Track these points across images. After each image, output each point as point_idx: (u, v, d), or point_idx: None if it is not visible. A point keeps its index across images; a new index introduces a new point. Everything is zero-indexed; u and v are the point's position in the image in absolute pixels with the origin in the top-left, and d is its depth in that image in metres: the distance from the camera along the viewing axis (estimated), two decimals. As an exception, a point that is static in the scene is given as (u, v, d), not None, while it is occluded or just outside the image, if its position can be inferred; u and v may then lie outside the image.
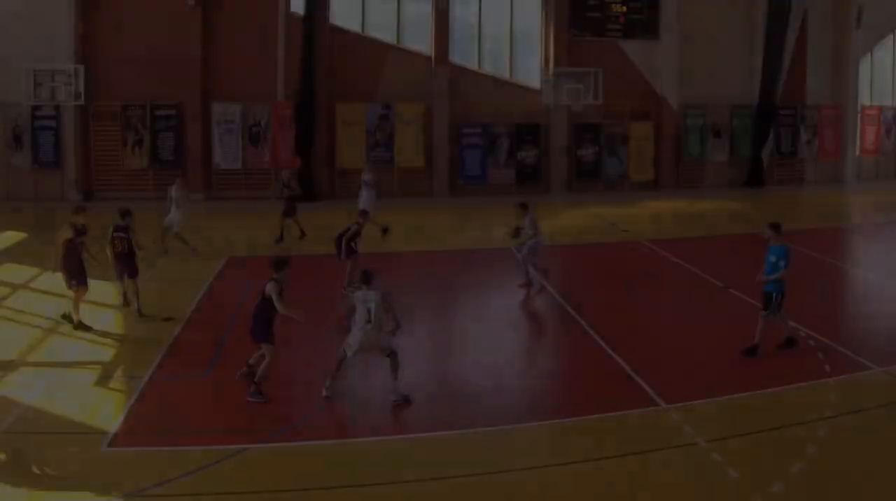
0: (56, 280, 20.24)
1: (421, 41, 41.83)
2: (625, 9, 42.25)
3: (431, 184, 41.50)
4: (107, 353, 18.10)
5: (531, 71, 42.61)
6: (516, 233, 23.03)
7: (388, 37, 41.72)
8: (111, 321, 20.40)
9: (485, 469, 12.58)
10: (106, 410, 14.80)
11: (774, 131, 44.04)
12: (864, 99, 47.14)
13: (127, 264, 20.50)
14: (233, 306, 21.56)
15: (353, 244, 22.60)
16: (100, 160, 40.24)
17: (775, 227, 17.46)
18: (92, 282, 20.64)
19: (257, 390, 15.27)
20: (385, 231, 28.75)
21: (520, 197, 39.64)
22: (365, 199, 30.27)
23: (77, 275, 19.47)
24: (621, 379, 16.28)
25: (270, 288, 15.36)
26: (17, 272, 24.83)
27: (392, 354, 15.04)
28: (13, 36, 38.37)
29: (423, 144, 41.35)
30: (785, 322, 17.65)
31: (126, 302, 21.03)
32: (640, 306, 18.70)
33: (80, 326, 19.18)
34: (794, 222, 33.28)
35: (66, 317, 19.52)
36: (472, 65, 42.39)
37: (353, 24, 41.51)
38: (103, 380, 16.37)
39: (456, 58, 41.98)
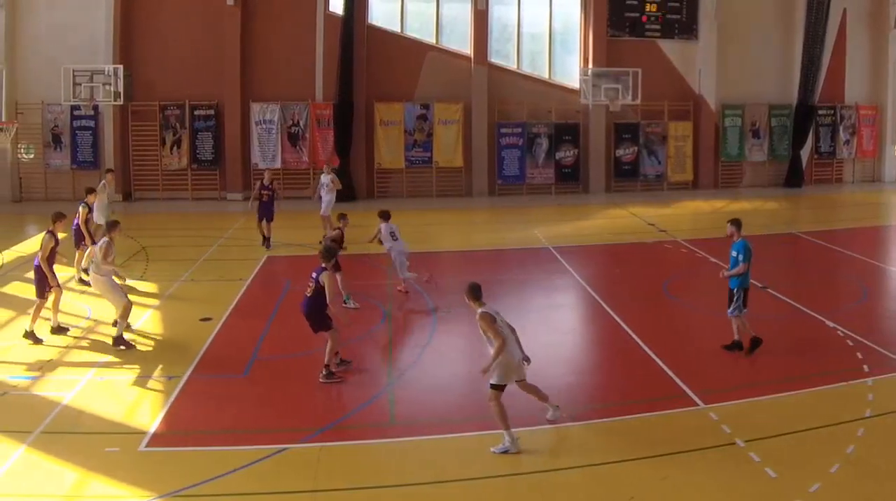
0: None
1: (460, 41, 41.76)
2: (663, 9, 42.00)
3: (470, 183, 41.36)
4: (145, 353, 18.04)
5: (570, 71, 42.44)
6: (375, 239, 22.83)
7: (426, 36, 41.69)
8: (150, 321, 20.34)
9: (525, 469, 12.61)
10: (144, 410, 14.80)
11: (813, 131, 43.81)
12: (903, 98, 46.73)
13: None
14: (272, 305, 21.66)
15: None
16: (138, 161, 40.20)
17: (736, 224, 17.72)
18: (130, 283, 21.61)
19: (330, 372, 15.63)
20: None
21: (560, 197, 40.18)
22: (327, 202, 30.24)
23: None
24: (660, 378, 16.26)
25: (324, 278, 15.59)
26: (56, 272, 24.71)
27: None
28: (53, 36, 38.60)
29: (461, 144, 41.16)
30: (743, 322, 17.59)
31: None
32: (678, 306, 18.50)
33: (30, 335, 18.62)
34: (833, 222, 33.52)
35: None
36: (511, 64, 42.22)
37: (391, 24, 41.47)
38: (142, 380, 16.33)
39: (494, 57, 41.85)
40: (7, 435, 13.60)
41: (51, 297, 18.99)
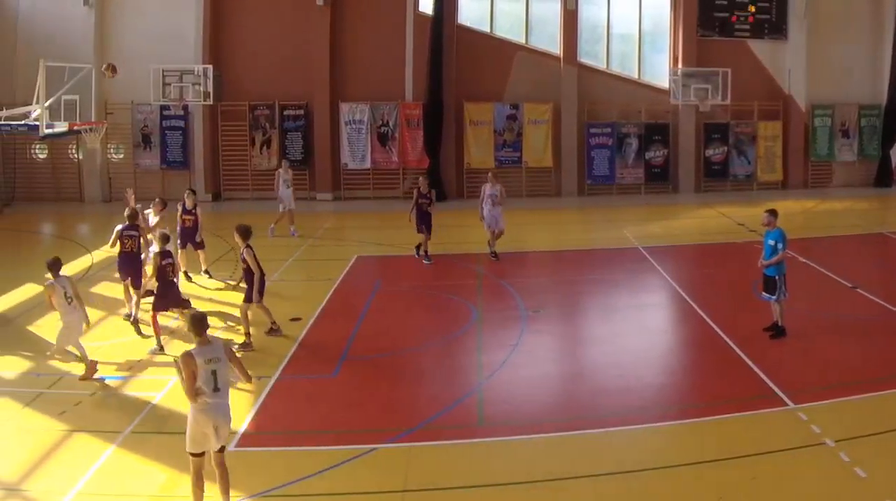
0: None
1: (549, 41, 41.59)
2: (753, 8, 41.85)
3: (559, 183, 41.14)
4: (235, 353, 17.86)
5: (659, 71, 42.22)
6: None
7: (516, 36, 41.54)
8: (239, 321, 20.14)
9: (614, 469, 12.55)
10: (234, 410, 14.52)
11: (903, 131, 43.54)
12: None
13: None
14: (361, 305, 21.67)
15: None
16: (228, 161, 40.11)
17: (773, 213, 18.27)
18: (220, 283, 22.78)
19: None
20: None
21: (649, 197, 40.00)
22: (287, 196, 30.57)
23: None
24: (749, 378, 16.17)
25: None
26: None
27: None
28: (142, 36, 38.71)
29: (550, 144, 40.98)
30: (781, 307, 18.05)
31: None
32: (768, 306, 18.33)
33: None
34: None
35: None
36: (601, 64, 42.03)
37: (481, 24, 41.35)
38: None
39: (584, 57, 41.70)
40: (97, 435, 13.69)
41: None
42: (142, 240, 20.33)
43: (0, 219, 35.83)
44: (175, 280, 18.73)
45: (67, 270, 19.23)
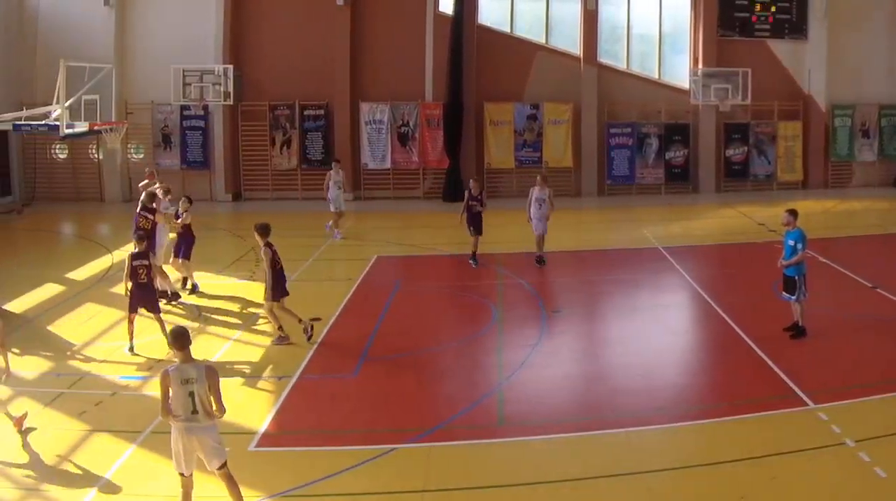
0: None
1: (569, 41, 41.54)
2: (773, 8, 41.70)
3: (579, 183, 41.08)
4: (255, 353, 18.20)
5: (679, 71, 42.10)
6: None
7: (536, 36, 41.50)
8: (260, 321, 20.42)
9: (635, 469, 12.57)
10: (254, 410, 14.89)
11: (922, 131, 43.33)
12: None
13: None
14: (381, 305, 21.74)
15: None
16: (248, 161, 40.23)
17: (793, 213, 18.32)
18: (241, 283, 23.09)
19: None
20: None
21: (670, 197, 39.90)
22: (337, 197, 30.64)
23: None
24: (769, 378, 16.18)
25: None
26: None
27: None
28: (162, 36, 38.90)
29: (570, 144, 40.94)
30: (801, 307, 18.08)
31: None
32: (788, 306, 18.30)
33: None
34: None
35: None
36: (621, 64, 41.95)
37: (501, 24, 41.37)
38: (252, 380, 16.47)
39: (604, 57, 41.62)
40: (117, 435, 13.78)
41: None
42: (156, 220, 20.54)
43: (20, 218, 36.08)
44: (148, 282, 18.32)
45: (88, 270, 19.38)
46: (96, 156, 39.49)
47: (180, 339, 10.78)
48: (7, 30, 38.04)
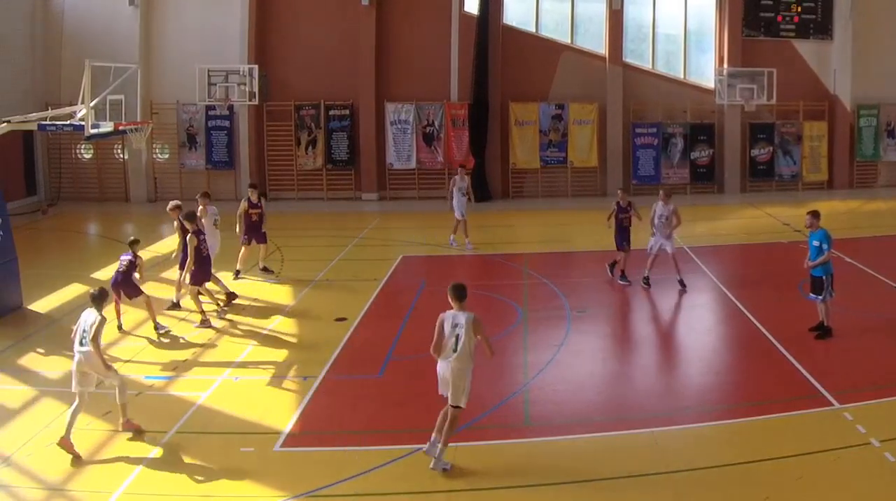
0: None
1: (594, 41, 41.52)
2: (799, 8, 41.52)
3: (605, 183, 40.94)
4: (280, 353, 18.23)
5: (705, 71, 42.02)
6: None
7: (561, 36, 41.47)
8: (285, 321, 20.50)
9: (661, 469, 12.60)
10: (279, 410, 14.94)
11: (948, 131, 43.04)
12: None
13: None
14: (407, 305, 21.75)
15: None
16: (273, 161, 40.35)
17: (815, 215, 18.44)
18: (265, 285, 22.98)
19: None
20: None
21: (695, 197, 39.79)
22: (460, 205, 29.42)
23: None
24: (795, 378, 16.17)
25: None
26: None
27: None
28: (187, 36, 39.18)
29: (596, 144, 40.91)
30: (829, 307, 18.11)
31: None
32: (813, 306, 18.25)
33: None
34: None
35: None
36: (646, 64, 41.88)
37: (526, 24, 41.37)
38: (277, 381, 16.51)
39: (629, 57, 41.59)
40: (142, 435, 13.83)
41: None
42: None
43: (45, 218, 36.24)
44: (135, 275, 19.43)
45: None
46: (121, 156, 39.72)
47: (458, 291, 12.69)
48: (33, 30, 38.38)
